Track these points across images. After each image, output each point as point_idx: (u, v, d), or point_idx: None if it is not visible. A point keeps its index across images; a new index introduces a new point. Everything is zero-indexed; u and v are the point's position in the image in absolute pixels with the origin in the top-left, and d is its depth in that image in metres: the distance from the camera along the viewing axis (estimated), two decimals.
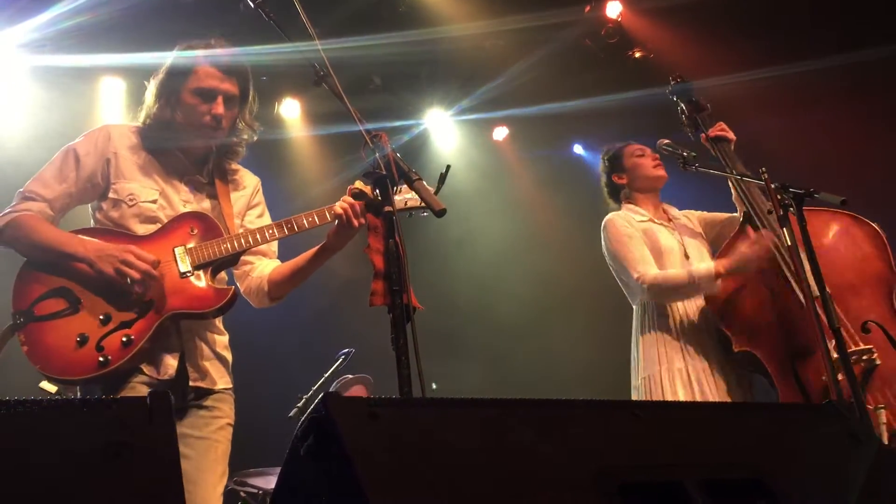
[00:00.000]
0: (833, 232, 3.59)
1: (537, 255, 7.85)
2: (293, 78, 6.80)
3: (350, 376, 5.77)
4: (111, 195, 2.91)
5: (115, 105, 6.25)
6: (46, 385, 3.31)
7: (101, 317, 2.69)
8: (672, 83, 4.25)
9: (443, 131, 8.16)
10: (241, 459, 5.51)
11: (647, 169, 4.00)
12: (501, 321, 7.79)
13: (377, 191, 2.42)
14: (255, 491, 5.30)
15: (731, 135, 3.90)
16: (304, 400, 5.45)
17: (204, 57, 2.97)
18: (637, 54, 7.20)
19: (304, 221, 2.90)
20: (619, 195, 4.10)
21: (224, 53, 3.00)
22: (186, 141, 2.99)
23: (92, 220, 2.97)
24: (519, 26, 6.60)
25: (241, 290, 3.09)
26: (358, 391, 5.80)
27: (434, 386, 7.30)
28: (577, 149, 8.45)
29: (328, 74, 2.58)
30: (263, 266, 3.11)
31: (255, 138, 3.14)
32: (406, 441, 1.36)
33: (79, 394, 2.84)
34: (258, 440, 5.50)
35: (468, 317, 7.74)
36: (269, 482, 5.27)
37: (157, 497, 1.24)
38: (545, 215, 7.90)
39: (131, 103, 3.11)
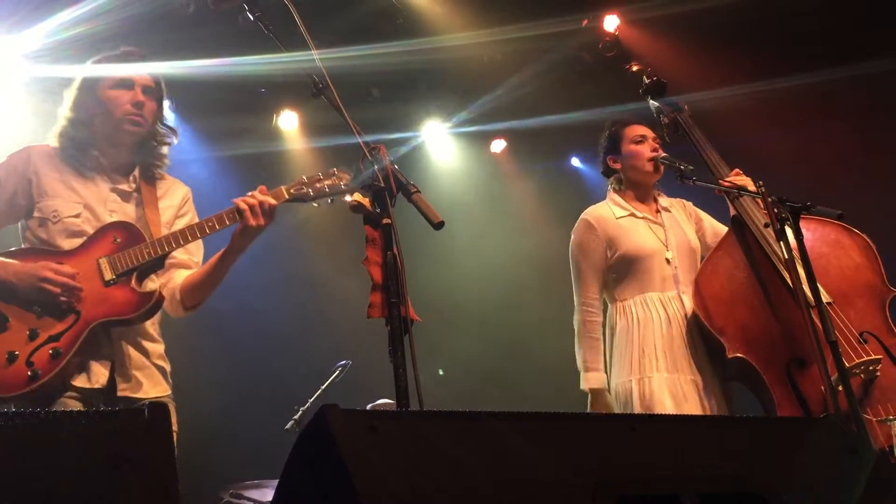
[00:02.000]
0: (824, 241, 3.53)
1: (534, 268, 7.85)
2: (292, 90, 6.79)
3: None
4: (36, 214, 2.93)
5: None
6: None
7: (28, 333, 2.71)
8: (645, 83, 4.06)
9: (440, 143, 8.16)
10: (238, 472, 5.50)
11: (642, 161, 3.78)
12: (499, 332, 7.77)
13: (376, 203, 2.43)
14: None
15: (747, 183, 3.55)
16: (301, 412, 5.44)
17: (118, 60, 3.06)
18: (635, 68, 7.21)
19: (215, 223, 2.90)
20: (611, 177, 3.92)
21: (141, 59, 3.07)
22: (109, 137, 3.02)
23: (22, 240, 2.99)
24: (517, 37, 6.62)
25: None
26: None
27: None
28: (575, 162, 8.47)
29: (327, 86, 2.59)
30: (177, 276, 3.11)
31: (175, 142, 3.17)
32: (404, 453, 1.36)
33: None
34: (254, 452, 5.49)
35: (465, 328, 7.72)
36: (265, 495, 5.24)
37: None
38: (543, 228, 7.89)
39: None
